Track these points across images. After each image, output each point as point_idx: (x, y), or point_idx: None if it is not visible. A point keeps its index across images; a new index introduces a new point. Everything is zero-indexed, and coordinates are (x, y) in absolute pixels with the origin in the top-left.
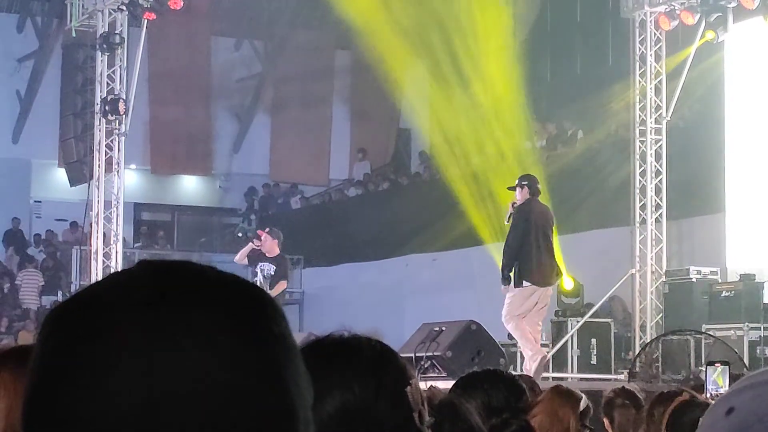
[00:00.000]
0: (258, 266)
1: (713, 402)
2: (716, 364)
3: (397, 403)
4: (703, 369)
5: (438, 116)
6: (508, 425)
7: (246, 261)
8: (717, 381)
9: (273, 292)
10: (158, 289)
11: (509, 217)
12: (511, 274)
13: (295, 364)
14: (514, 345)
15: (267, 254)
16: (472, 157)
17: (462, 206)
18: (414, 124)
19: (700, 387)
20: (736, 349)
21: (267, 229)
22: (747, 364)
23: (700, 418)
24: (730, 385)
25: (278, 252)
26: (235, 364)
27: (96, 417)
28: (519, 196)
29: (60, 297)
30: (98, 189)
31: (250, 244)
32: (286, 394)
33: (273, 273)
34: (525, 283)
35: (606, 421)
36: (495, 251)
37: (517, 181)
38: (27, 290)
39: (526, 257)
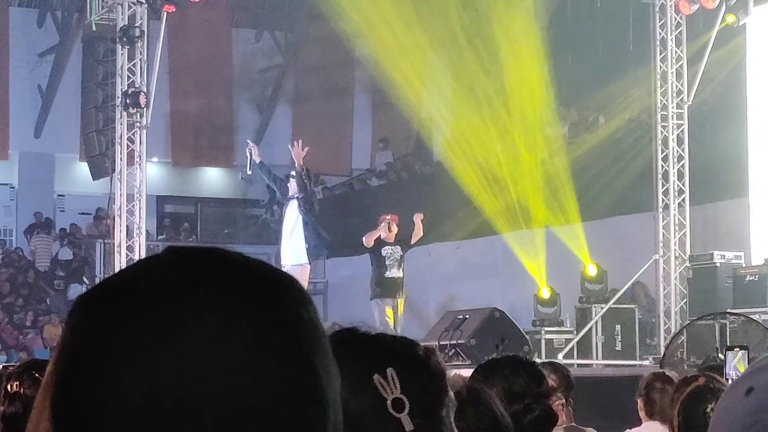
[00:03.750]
0: (382, 250)
1: (732, 382)
2: (735, 349)
3: (360, 391)
4: (722, 354)
5: (460, 104)
6: (531, 410)
7: (373, 245)
8: (737, 366)
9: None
10: (187, 275)
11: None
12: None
13: (324, 350)
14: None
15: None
16: (495, 145)
17: (483, 196)
18: (436, 112)
19: (718, 371)
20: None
21: (389, 216)
22: None
23: (712, 405)
24: None
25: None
26: (264, 349)
27: (127, 402)
28: (291, 189)
29: (84, 290)
30: (120, 182)
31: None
32: (315, 378)
33: (401, 253)
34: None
35: (640, 403)
36: (514, 240)
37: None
38: (41, 255)
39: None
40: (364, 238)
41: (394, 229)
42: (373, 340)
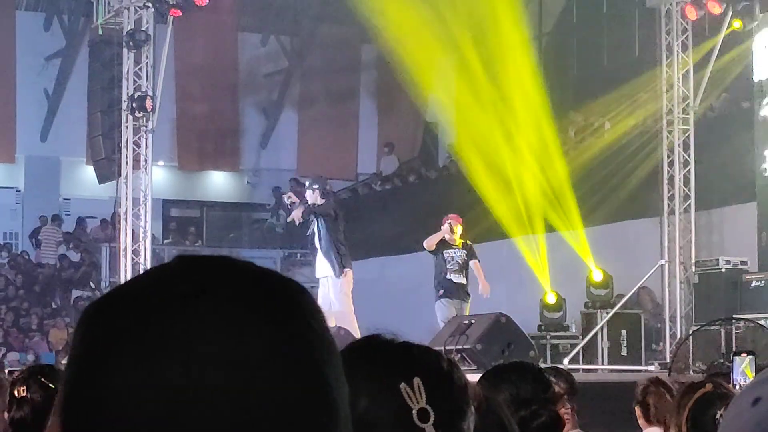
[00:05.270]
0: (443, 253)
1: (739, 392)
2: (743, 354)
3: (383, 398)
4: (724, 360)
5: (464, 109)
6: (538, 416)
7: (434, 248)
8: (745, 371)
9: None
10: (196, 284)
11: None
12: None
13: (335, 360)
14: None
15: (450, 242)
16: (500, 150)
17: (489, 200)
18: (441, 117)
19: (724, 377)
20: None
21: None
22: None
23: (721, 411)
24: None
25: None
26: (275, 359)
27: (135, 410)
28: (311, 198)
29: (91, 294)
30: (126, 186)
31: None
32: (327, 389)
33: (465, 258)
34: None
35: (638, 410)
36: (522, 244)
37: (308, 183)
38: (46, 246)
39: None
40: (425, 242)
41: (458, 230)
42: (399, 348)
